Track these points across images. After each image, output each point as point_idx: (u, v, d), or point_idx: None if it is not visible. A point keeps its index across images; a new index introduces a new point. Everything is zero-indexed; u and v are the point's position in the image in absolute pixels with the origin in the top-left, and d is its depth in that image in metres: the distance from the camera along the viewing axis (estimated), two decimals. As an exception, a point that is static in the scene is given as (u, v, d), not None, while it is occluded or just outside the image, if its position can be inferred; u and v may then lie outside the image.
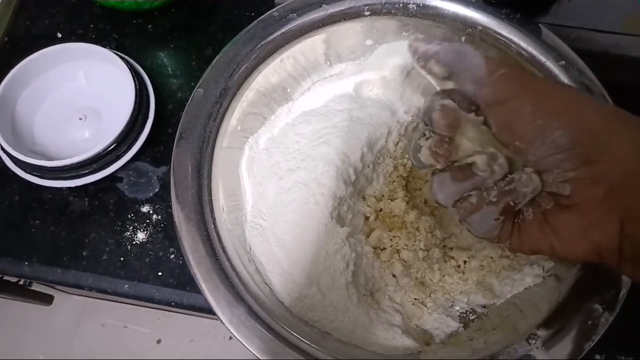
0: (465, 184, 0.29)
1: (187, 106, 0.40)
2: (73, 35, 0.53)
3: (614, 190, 0.26)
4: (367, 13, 0.43)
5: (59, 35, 0.53)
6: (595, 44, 0.45)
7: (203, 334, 1.12)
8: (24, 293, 0.94)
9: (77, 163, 0.43)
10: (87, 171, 0.44)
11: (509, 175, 0.29)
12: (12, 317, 1.16)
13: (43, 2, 0.54)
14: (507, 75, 0.28)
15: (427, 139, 0.30)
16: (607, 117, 0.27)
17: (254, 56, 0.41)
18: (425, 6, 0.42)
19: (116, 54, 0.47)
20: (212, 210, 0.37)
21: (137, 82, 0.45)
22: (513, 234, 0.30)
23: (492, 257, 0.39)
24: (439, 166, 0.29)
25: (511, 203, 0.28)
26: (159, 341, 1.13)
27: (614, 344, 0.39)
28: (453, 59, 0.29)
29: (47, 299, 1.08)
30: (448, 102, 0.28)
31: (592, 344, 0.32)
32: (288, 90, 0.45)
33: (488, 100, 0.28)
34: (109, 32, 0.53)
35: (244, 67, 0.41)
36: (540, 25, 0.41)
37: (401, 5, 0.42)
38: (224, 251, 0.36)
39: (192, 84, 0.49)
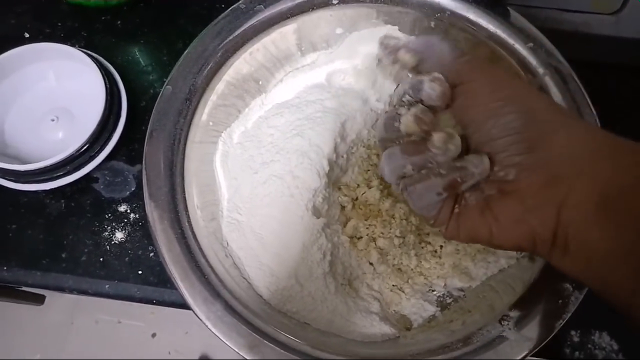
0: (414, 158, 0.29)
1: (156, 104, 0.39)
2: (41, 35, 0.52)
3: (554, 178, 0.27)
4: (335, 1, 0.43)
5: (27, 35, 0.52)
6: (564, 23, 0.45)
7: (198, 326, 1.12)
8: (15, 294, 0.93)
9: (51, 165, 0.42)
10: (61, 173, 0.44)
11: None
12: (5, 318, 1.16)
13: (8, 1, 0.53)
14: (470, 62, 0.30)
15: (409, 109, 0.29)
16: (549, 106, 0.29)
17: (222, 50, 0.41)
18: (393, -8, 0.42)
19: (85, 52, 0.46)
20: (186, 208, 0.37)
21: (107, 81, 0.45)
22: (451, 220, 0.31)
23: (467, 241, 0.40)
24: (418, 133, 0.29)
25: (458, 180, 0.28)
26: (153, 335, 1.14)
27: (589, 319, 0.40)
28: (422, 46, 0.30)
29: (39, 299, 1.07)
30: (439, 75, 0.29)
31: (563, 322, 0.33)
32: (260, 82, 0.45)
33: (451, 83, 0.29)
34: (77, 29, 0.52)
35: (212, 62, 0.41)
36: (508, 7, 0.41)
37: (369, -8, 0.42)
38: (200, 248, 0.36)
39: (164, 79, 0.49)
